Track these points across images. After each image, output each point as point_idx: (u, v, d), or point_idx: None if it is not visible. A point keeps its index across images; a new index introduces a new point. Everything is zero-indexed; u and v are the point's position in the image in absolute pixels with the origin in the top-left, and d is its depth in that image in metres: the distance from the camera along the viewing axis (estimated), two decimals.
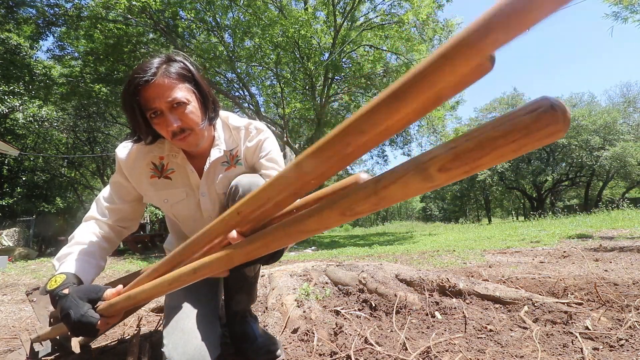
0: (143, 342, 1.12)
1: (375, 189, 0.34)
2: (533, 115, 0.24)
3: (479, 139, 0.26)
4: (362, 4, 9.95)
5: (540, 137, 0.25)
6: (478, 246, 4.51)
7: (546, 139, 0.25)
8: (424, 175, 0.30)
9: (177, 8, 8.71)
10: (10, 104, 10.89)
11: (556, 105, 0.24)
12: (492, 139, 0.26)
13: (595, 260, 2.56)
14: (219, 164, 1.01)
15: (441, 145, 0.29)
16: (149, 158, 0.99)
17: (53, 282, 0.80)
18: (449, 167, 0.28)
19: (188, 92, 0.88)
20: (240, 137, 1.03)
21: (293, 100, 10.90)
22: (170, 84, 0.85)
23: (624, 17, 5.30)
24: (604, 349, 1.00)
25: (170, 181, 1.01)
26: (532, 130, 0.25)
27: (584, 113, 17.96)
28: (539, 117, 0.24)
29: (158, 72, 0.84)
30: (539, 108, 0.24)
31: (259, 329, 1.13)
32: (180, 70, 0.88)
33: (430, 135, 12.14)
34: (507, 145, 0.26)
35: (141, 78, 0.82)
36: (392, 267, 2.02)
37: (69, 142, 15.72)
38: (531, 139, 0.25)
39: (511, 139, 0.25)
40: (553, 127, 0.24)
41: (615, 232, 4.99)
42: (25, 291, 1.21)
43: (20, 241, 10.43)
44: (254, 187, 0.94)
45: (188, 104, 0.87)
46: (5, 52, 9.90)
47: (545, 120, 0.24)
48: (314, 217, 0.43)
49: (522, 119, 0.25)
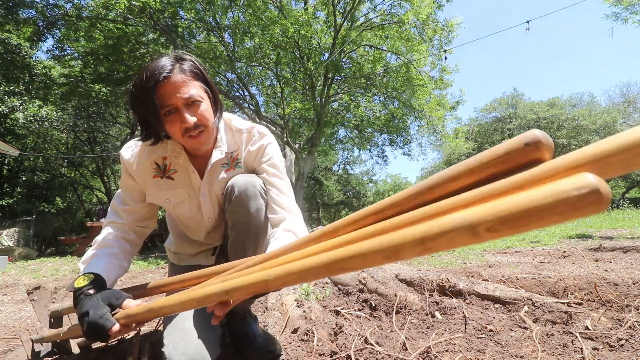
0: (143, 342, 1.12)
1: (423, 240, 0.34)
2: (580, 195, 0.26)
3: (528, 208, 0.28)
4: (362, 4, 9.94)
5: (582, 213, 0.26)
6: (478, 246, 4.51)
7: (586, 215, 0.26)
8: (472, 233, 0.31)
9: (177, 8, 8.70)
10: (10, 104, 10.89)
11: (602, 189, 0.26)
12: (539, 210, 0.27)
13: (595, 260, 2.56)
14: (220, 165, 1.01)
15: (489, 206, 0.31)
16: (152, 158, 0.99)
17: (81, 280, 0.82)
18: (497, 229, 0.29)
19: (201, 90, 0.90)
20: (242, 140, 1.04)
21: (293, 100, 10.89)
22: (186, 81, 0.86)
23: (624, 18, 5.30)
24: (604, 349, 1.00)
25: (172, 181, 1.01)
26: (577, 207, 0.26)
27: (584, 113, 17.96)
28: (586, 196, 0.26)
29: (174, 69, 0.85)
30: (583, 188, 0.26)
31: (259, 329, 1.13)
32: (193, 69, 0.89)
33: (430, 135, 12.13)
34: (552, 217, 0.27)
35: (159, 74, 0.83)
36: (392, 267, 2.02)
37: (69, 142, 15.70)
38: (574, 214, 0.26)
39: (557, 212, 0.27)
40: (596, 207, 0.26)
41: (615, 232, 4.99)
42: (26, 290, 1.21)
43: (20, 241, 10.44)
44: (250, 187, 0.94)
45: (202, 102, 0.89)
46: (5, 52, 9.90)
47: (590, 200, 0.25)
48: (358, 257, 0.41)
49: (569, 195, 0.26)
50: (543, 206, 0.27)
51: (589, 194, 0.25)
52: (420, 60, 10.03)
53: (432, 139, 12.83)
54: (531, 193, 0.28)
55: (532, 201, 0.28)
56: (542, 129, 18.48)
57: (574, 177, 0.27)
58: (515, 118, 19.59)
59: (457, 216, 0.32)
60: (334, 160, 24.42)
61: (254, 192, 0.94)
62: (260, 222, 0.96)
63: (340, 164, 25.70)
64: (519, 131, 19.09)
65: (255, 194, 0.94)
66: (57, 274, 3.85)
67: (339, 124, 12.46)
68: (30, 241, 11.27)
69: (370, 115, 12.20)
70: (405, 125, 12.05)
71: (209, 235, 1.11)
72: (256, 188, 0.95)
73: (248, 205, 0.93)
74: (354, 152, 20.02)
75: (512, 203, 0.29)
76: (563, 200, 0.26)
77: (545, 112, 18.58)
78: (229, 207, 0.95)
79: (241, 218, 0.94)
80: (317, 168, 22.75)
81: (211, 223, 1.06)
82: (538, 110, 18.86)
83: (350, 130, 13.44)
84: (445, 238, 0.32)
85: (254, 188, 0.95)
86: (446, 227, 0.32)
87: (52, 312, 1.13)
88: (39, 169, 15.01)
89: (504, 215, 0.29)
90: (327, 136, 13.24)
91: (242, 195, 0.93)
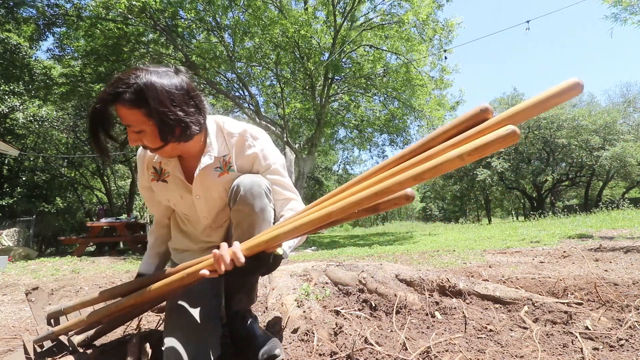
0: (143, 342, 1.12)
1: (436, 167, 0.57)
2: (508, 132, 0.53)
3: (486, 142, 0.54)
4: (362, 4, 9.93)
5: (509, 143, 0.53)
6: (478, 246, 4.51)
7: (510, 144, 0.54)
8: (460, 158, 0.55)
9: (177, 8, 8.70)
10: (10, 103, 10.89)
11: (516, 130, 0.52)
12: (491, 143, 0.54)
13: (595, 260, 2.56)
14: (212, 169, 1.02)
15: (466, 145, 0.56)
16: (151, 162, 1.08)
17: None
18: (473, 154, 0.55)
19: (142, 120, 0.87)
20: (233, 144, 1.04)
21: (293, 100, 10.89)
22: (125, 112, 0.87)
23: (624, 19, 5.29)
24: (604, 349, 1.00)
25: (166, 184, 1.07)
26: (507, 139, 0.53)
27: (584, 113, 17.94)
28: (512, 133, 0.53)
29: (118, 98, 0.85)
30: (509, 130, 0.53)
31: (259, 329, 1.14)
32: (136, 98, 0.85)
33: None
34: (495, 146, 0.53)
35: (104, 97, 0.85)
36: (392, 267, 2.02)
37: (69, 142, 15.71)
38: (505, 144, 0.54)
39: (498, 143, 0.54)
40: (516, 138, 0.52)
41: (615, 232, 4.99)
42: (24, 291, 1.21)
43: (20, 241, 10.43)
44: (256, 186, 0.96)
45: (142, 131, 0.89)
46: (5, 51, 9.90)
47: (513, 135, 0.53)
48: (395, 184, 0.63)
49: (505, 133, 0.53)
50: (492, 140, 0.52)
51: (513, 132, 0.51)
52: (420, 60, 10.03)
53: None
54: (486, 136, 0.54)
55: (486, 138, 0.53)
56: (542, 128, 18.47)
57: (505, 127, 0.53)
58: None
59: (451, 152, 0.56)
60: (334, 160, 24.45)
61: (259, 192, 0.95)
62: (265, 220, 0.97)
63: (340, 164, 25.73)
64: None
65: (261, 193, 0.96)
66: (57, 274, 3.85)
67: (339, 124, 12.46)
68: (30, 241, 11.27)
69: (370, 115, 12.21)
70: (405, 125, 12.06)
71: (208, 233, 1.12)
72: (261, 187, 0.97)
73: (253, 204, 0.94)
74: (354, 152, 20.06)
75: (479, 141, 0.54)
76: (501, 137, 0.52)
77: (545, 112, 18.54)
78: (235, 207, 0.97)
79: (246, 217, 0.95)
80: (317, 168, 22.77)
81: (207, 221, 1.10)
82: None
83: (350, 130, 13.45)
84: (445, 164, 0.56)
85: (260, 187, 0.96)
86: (446, 157, 0.56)
87: (49, 313, 1.13)
88: (39, 169, 15.01)
89: (475, 147, 0.54)
90: (327, 136, 13.25)
91: (248, 194, 0.94)
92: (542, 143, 18.96)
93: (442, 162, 0.55)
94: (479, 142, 0.53)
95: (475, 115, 0.57)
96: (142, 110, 0.85)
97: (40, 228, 12.67)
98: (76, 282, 3.19)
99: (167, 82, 0.88)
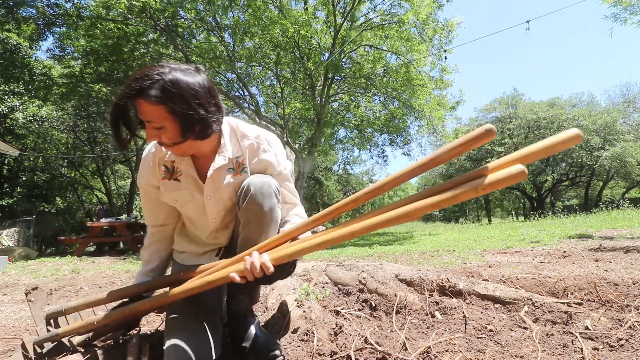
0: (143, 342, 1.12)
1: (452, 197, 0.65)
2: (518, 172, 0.59)
3: (499, 179, 0.61)
4: (362, 4, 9.92)
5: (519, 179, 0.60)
6: (478, 246, 4.51)
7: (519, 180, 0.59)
8: (475, 190, 0.63)
9: (177, 8, 8.70)
10: (10, 103, 10.89)
11: (525, 170, 0.59)
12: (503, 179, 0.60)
13: (595, 260, 2.56)
14: (225, 170, 1.03)
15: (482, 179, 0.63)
16: (162, 160, 1.05)
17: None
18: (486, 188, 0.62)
19: (164, 117, 0.87)
20: (246, 146, 1.05)
21: (293, 100, 10.88)
22: (148, 107, 0.86)
23: (624, 19, 5.29)
24: (604, 349, 1.00)
25: (178, 183, 1.05)
26: (517, 177, 0.60)
27: (584, 113, 17.94)
28: (521, 173, 0.59)
29: (142, 93, 0.84)
30: (519, 169, 0.59)
31: (260, 329, 1.14)
32: (159, 93, 0.84)
33: (430, 135, 12.11)
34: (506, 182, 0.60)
35: (128, 92, 0.85)
36: (392, 267, 2.02)
37: (69, 142, 15.71)
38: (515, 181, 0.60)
39: (509, 180, 0.60)
40: (524, 176, 0.59)
41: (615, 232, 4.99)
42: (24, 291, 1.21)
43: (20, 241, 10.44)
44: (266, 186, 0.97)
45: (162, 127, 0.89)
46: (5, 51, 9.89)
47: (522, 174, 0.60)
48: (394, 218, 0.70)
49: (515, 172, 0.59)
50: (504, 178, 0.59)
51: (522, 172, 0.57)
52: (420, 60, 10.02)
53: (432, 139, 12.83)
54: (498, 172, 0.60)
55: (498, 175, 0.60)
56: (542, 128, 18.46)
57: (514, 165, 0.59)
58: (515, 118, 19.55)
59: (467, 185, 0.64)
60: (334, 160, 24.43)
61: (269, 192, 0.96)
62: (273, 220, 0.98)
63: (340, 164, 25.71)
64: (519, 131, 19.09)
65: (270, 193, 0.97)
66: (57, 274, 3.85)
67: (339, 124, 12.45)
68: (30, 241, 11.28)
69: (370, 115, 12.19)
70: (405, 125, 12.04)
71: (214, 235, 1.12)
72: (271, 188, 0.98)
73: (263, 203, 0.95)
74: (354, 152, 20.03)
75: (492, 177, 0.61)
76: (512, 175, 0.58)
77: (545, 112, 18.54)
78: (244, 205, 0.97)
79: (255, 216, 0.96)
80: (317, 168, 22.76)
81: (215, 224, 1.08)
82: (538, 110, 18.82)
83: (350, 130, 13.43)
84: (461, 195, 0.63)
85: (269, 187, 0.97)
86: (462, 189, 0.64)
87: (49, 314, 1.13)
88: (39, 169, 15.01)
89: (488, 182, 0.61)
90: (327, 136, 13.24)
91: (258, 193, 0.95)
92: None
93: (458, 193, 0.63)
94: (492, 178, 0.60)
95: (480, 135, 0.62)
96: (167, 106, 0.85)
97: (40, 228, 12.67)
98: (76, 282, 3.19)
99: (192, 80, 0.88)
